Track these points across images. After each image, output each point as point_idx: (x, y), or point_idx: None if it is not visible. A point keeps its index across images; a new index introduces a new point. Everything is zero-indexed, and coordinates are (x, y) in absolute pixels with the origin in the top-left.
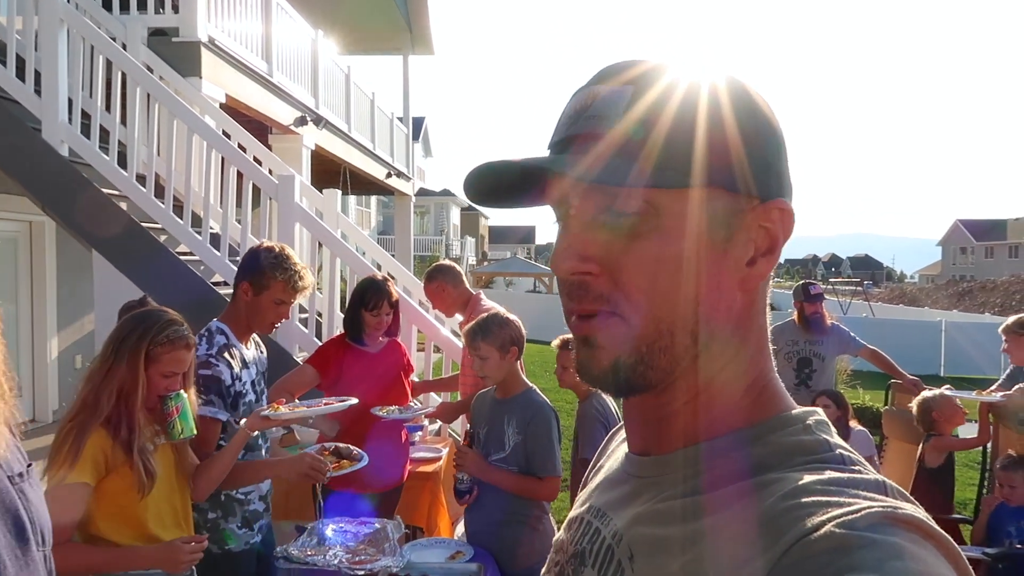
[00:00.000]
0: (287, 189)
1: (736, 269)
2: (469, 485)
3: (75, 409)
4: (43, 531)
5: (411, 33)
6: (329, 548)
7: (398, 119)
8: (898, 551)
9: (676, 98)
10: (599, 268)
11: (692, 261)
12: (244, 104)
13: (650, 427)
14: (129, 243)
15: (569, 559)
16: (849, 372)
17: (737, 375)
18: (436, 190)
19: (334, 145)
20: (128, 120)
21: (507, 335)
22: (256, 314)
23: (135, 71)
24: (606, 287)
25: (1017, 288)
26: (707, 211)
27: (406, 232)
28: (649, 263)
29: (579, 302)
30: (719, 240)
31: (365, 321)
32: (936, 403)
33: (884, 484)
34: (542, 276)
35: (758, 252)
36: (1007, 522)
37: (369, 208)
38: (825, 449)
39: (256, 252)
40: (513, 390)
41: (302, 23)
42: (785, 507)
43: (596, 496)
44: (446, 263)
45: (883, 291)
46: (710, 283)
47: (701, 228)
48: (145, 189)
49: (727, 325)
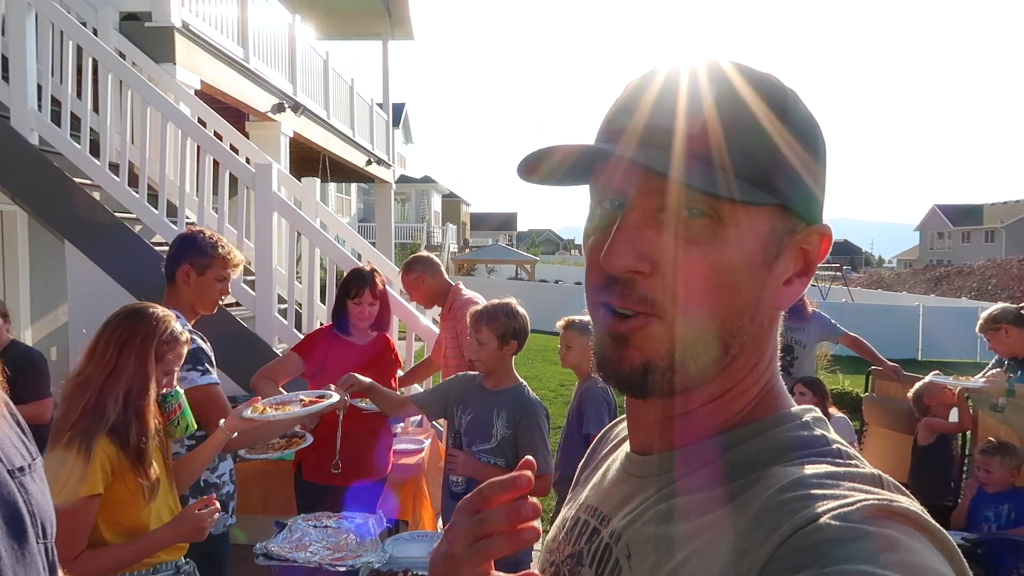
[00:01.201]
0: (264, 178)
1: (776, 287)
2: (464, 487)
3: (76, 416)
4: (44, 524)
5: (390, 17)
6: (309, 544)
7: (378, 105)
8: (893, 543)
9: (760, 108)
10: (651, 268)
11: (743, 275)
12: (220, 91)
13: (657, 427)
14: (102, 233)
15: (565, 559)
16: (829, 358)
17: (754, 381)
18: (417, 177)
19: (313, 132)
20: (100, 107)
21: (511, 327)
22: (201, 294)
23: (107, 57)
24: (654, 290)
25: (993, 273)
26: (767, 229)
27: (387, 220)
28: (704, 271)
29: (621, 299)
30: (769, 258)
31: (349, 310)
32: (926, 389)
33: (880, 478)
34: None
35: (796, 273)
36: (985, 507)
37: (349, 196)
38: (822, 444)
39: (191, 236)
40: (504, 383)
41: (279, 7)
42: (782, 500)
43: (592, 495)
44: (424, 254)
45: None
46: (752, 298)
47: (758, 244)
48: (118, 178)
49: (755, 338)
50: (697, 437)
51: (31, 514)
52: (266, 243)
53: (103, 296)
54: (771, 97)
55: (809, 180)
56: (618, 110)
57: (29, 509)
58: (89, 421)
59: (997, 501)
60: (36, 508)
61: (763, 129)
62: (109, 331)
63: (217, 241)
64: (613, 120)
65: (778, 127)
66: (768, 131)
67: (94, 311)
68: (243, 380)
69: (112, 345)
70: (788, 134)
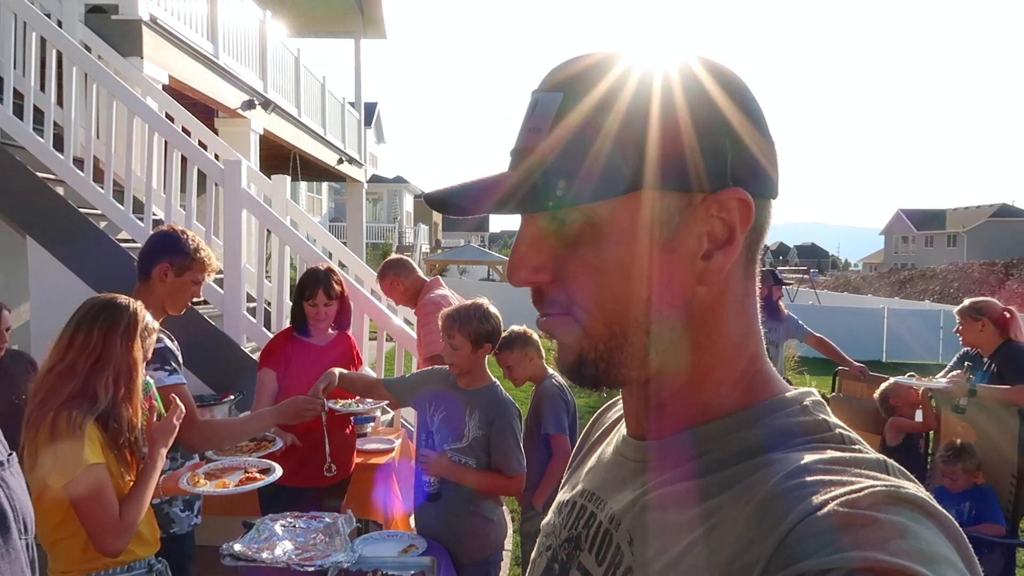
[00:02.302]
0: (233, 174)
1: (690, 265)
2: (439, 488)
3: (61, 400)
4: (25, 519)
5: (363, 16)
6: (277, 544)
7: (350, 104)
8: (901, 530)
9: (606, 100)
10: (551, 276)
11: (635, 264)
12: (188, 86)
13: (646, 413)
14: (66, 229)
15: (563, 543)
16: (796, 359)
17: (722, 361)
18: (389, 177)
19: (283, 130)
20: (64, 101)
21: (485, 331)
22: (174, 294)
23: (71, 49)
24: (559, 294)
25: (955, 276)
26: (643, 214)
27: (358, 219)
28: (591, 270)
29: (538, 306)
30: (663, 240)
31: (306, 312)
32: (892, 390)
33: (885, 463)
34: (496, 264)
35: (714, 245)
36: (947, 506)
37: (320, 195)
38: (824, 429)
39: (174, 235)
40: (478, 382)
41: (249, 3)
42: (788, 487)
43: (589, 479)
44: (393, 257)
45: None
46: (660, 282)
47: (638, 231)
48: (83, 173)
49: (693, 319)
50: (694, 422)
51: (12, 509)
52: (235, 241)
53: (67, 294)
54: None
55: (687, 151)
56: None
57: (11, 504)
58: (77, 403)
59: (959, 500)
60: (17, 503)
61: (608, 119)
62: (89, 319)
63: (199, 245)
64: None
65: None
66: (612, 119)
67: (58, 309)
68: (210, 379)
69: (96, 332)
70: (639, 112)
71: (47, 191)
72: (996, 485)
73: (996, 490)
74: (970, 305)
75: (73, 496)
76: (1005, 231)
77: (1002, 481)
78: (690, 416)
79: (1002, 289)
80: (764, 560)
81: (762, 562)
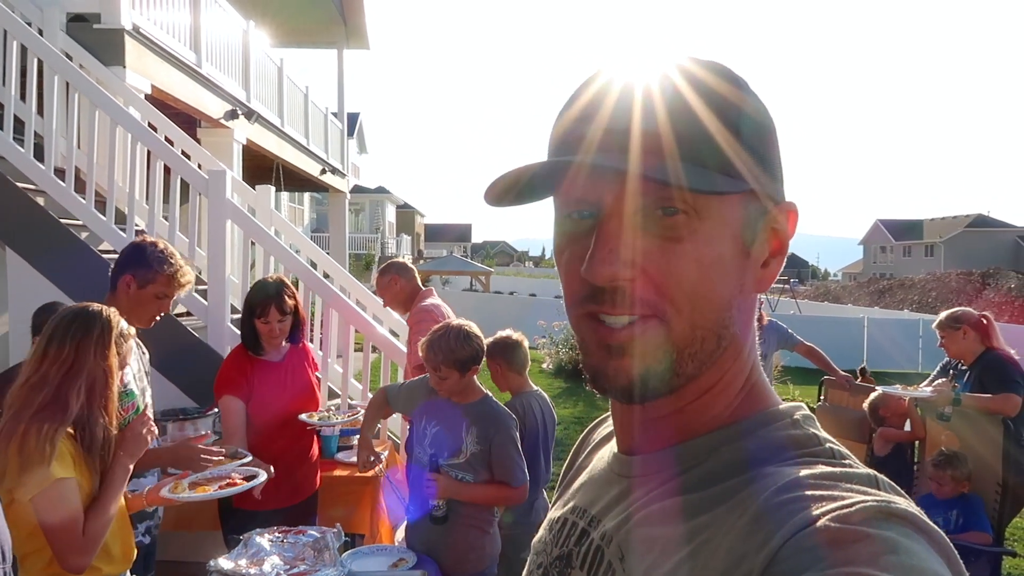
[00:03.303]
0: (218, 184)
1: (755, 271)
2: (445, 511)
3: (31, 412)
4: (3, 547)
5: (346, 26)
6: (265, 559)
7: (333, 114)
8: (892, 545)
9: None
10: (638, 273)
11: (727, 264)
12: (171, 96)
13: (643, 427)
14: (46, 240)
15: (554, 561)
16: (780, 368)
17: (737, 374)
18: (371, 187)
19: (266, 140)
20: (45, 110)
21: (467, 354)
22: (137, 307)
23: (53, 58)
24: (646, 292)
25: (933, 286)
26: (742, 215)
27: (341, 229)
28: (689, 267)
29: (613, 306)
30: (747, 243)
31: (259, 330)
32: (881, 401)
33: (876, 478)
34: (478, 275)
35: (771, 254)
36: (935, 514)
37: (302, 205)
38: (815, 443)
39: (141, 246)
40: (470, 396)
41: (233, 13)
42: (780, 501)
43: (580, 496)
44: (400, 260)
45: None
46: (737, 285)
47: (736, 232)
48: (64, 184)
49: (741, 326)
50: (685, 436)
51: None
52: (219, 251)
53: None
54: (724, 85)
55: (770, 161)
56: (571, 119)
57: None
58: (48, 413)
59: (947, 507)
60: None
61: (720, 117)
62: (61, 330)
63: (168, 257)
64: (570, 130)
65: (734, 113)
66: (725, 118)
67: None
68: (193, 392)
69: (68, 342)
70: (744, 119)
71: (27, 201)
72: (981, 494)
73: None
74: (948, 316)
75: (38, 510)
76: (981, 241)
77: (987, 490)
78: (686, 429)
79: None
80: (756, 574)
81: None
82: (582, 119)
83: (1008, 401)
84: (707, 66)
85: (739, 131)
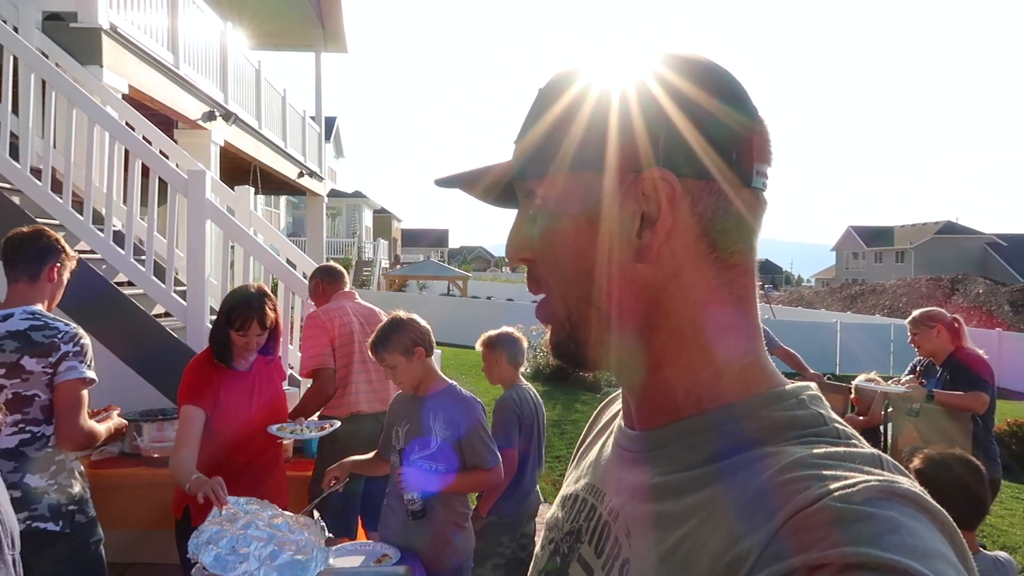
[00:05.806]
0: (197, 184)
1: (627, 243)
2: (422, 504)
3: None
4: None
5: (324, 30)
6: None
7: (310, 118)
8: (895, 525)
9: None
10: (531, 254)
11: (573, 238)
12: (148, 96)
13: (636, 402)
14: None
15: (564, 536)
16: None
17: (698, 349)
18: (348, 191)
19: (244, 142)
20: (21, 109)
21: (407, 338)
22: (59, 290)
23: (28, 56)
24: (536, 270)
25: (903, 291)
26: (580, 191)
27: (318, 233)
28: (546, 245)
29: (531, 287)
30: (594, 216)
31: (233, 341)
32: (859, 391)
33: (880, 458)
34: (455, 279)
35: (644, 224)
36: None
37: (278, 209)
38: (820, 423)
39: (47, 236)
40: (433, 387)
41: (210, 14)
42: (782, 480)
43: (591, 473)
44: (328, 264)
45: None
46: (600, 258)
47: (572, 208)
48: (41, 183)
49: (642, 299)
50: (684, 414)
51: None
52: (198, 252)
53: None
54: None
55: (611, 136)
56: None
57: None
58: None
59: None
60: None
61: (548, 108)
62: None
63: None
64: None
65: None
66: (550, 109)
67: None
68: (172, 393)
69: None
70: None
71: (2, 200)
72: None
73: None
74: (922, 315)
75: None
76: (950, 247)
77: None
78: (684, 406)
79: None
80: (756, 553)
81: (754, 555)
82: None
83: (978, 399)
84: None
85: (556, 118)
